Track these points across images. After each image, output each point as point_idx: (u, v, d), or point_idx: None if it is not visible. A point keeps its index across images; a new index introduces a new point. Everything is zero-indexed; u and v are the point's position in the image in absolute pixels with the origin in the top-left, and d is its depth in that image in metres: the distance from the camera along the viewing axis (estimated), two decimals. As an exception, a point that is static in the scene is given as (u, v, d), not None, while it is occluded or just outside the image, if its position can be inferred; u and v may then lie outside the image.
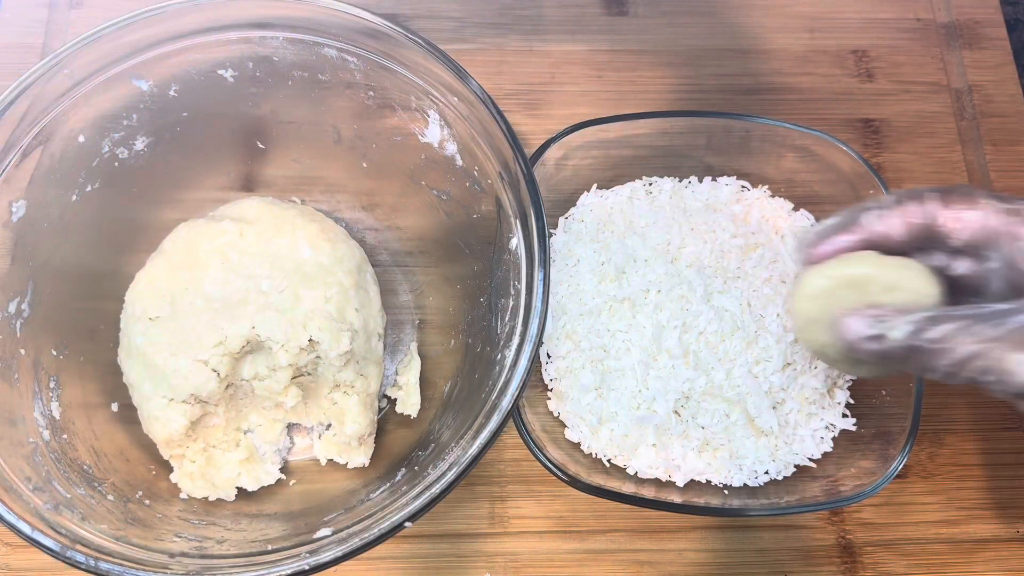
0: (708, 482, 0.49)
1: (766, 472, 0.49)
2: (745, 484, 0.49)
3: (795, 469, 0.50)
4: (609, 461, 0.49)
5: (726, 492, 0.49)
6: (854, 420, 0.50)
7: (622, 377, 0.49)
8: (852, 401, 0.51)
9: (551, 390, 0.51)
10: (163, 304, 0.47)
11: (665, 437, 0.49)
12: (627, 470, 0.49)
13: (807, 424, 0.50)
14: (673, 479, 0.49)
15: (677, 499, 0.48)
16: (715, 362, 0.49)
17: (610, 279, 0.51)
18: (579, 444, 0.50)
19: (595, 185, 0.55)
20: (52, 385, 0.45)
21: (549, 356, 0.51)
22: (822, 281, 0.40)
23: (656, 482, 0.49)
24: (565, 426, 0.50)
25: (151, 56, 0.45)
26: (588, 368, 0.49)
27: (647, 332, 0.49)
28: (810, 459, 0.50)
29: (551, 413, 0.51)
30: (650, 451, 0.49)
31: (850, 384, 0.51)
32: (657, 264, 0.51)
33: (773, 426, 0.49)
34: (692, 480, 0.49)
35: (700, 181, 0.56)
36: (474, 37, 0.62)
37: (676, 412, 0.49)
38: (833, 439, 0.50)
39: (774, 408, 0.49)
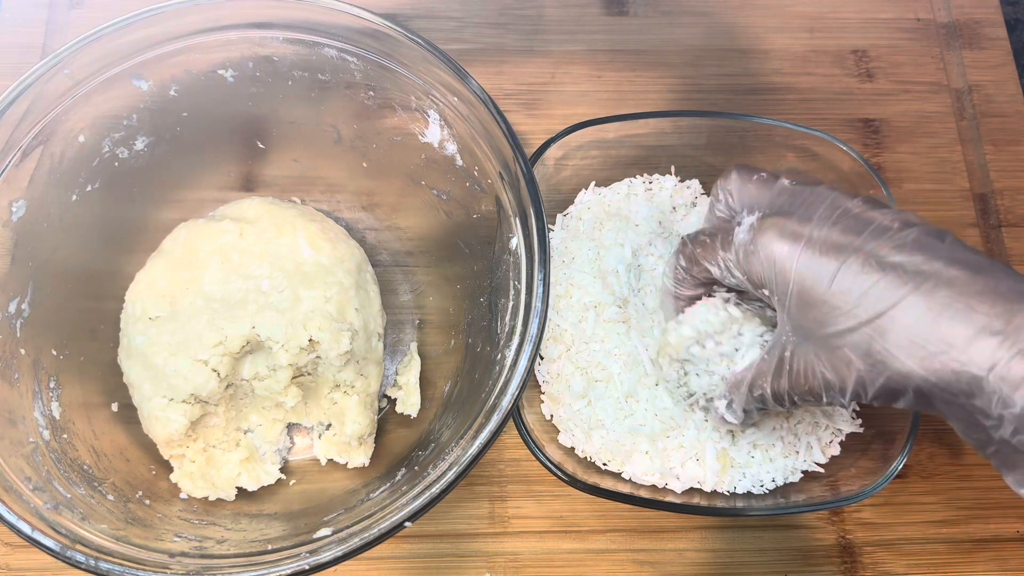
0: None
1: (772, 480, 0.48)
2: (749, 491, 0.48)
3: (802, 475, 0.49)
4: (605, 464, 0.49)
5: (726, 493, 0.49)
6: (860, 422, 0.50)
7: (606, 386, 0.49)
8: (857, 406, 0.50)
9: (544, 393, 0.51)
10: (163, 304, 0.47)
11: (660, 446, 0.48)
12: (622, 475, 0.49)
13: (814, 432, 0.49)
14: (671, 488, 0.48)
15: (676, 499, 0.47)
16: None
17: (602, 278, 0.51)
18: (573, 448, 0.49)
19: (593, 183, 0.55)
20: (52, 385, 0.45)
21: (541, 358, 0.51)
22: (687, 331, 0.45)
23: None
24: (559, 430, 0.50)
25: (151, 56, 0.45)
26: (577, 375, 0.49)
27: (632, 339, 0.49)
28: (817, 464, 0.49)
29: (544, 416, 0.51)
30: (644, 458, 0.48)
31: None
32: (649, 264, 0.51)
33: (775, 438, 0.48)
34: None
35: (701, 182, 0.56)
36: (474, 37, 0.62)
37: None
38: (840, 443, 0.50)
39: (783, 417, 0.49)
